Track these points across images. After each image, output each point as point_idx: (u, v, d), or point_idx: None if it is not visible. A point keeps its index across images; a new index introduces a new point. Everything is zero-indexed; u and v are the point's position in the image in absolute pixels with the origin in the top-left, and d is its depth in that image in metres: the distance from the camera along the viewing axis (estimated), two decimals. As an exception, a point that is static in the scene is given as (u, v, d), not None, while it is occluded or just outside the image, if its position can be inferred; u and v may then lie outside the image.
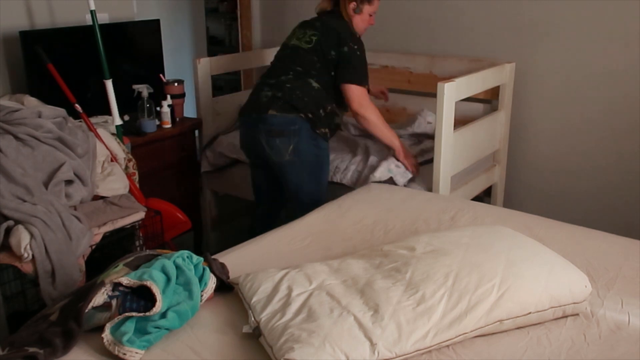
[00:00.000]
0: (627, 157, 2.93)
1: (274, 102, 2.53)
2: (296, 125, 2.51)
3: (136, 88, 3.04)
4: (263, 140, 2.55)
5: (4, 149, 2.10)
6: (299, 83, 2.55)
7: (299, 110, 2.51)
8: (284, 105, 2.52)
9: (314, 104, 2.54)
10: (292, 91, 2.53)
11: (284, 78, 2.57)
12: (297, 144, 2.53)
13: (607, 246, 1.92)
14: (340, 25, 2.62)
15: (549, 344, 1.44)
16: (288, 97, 2.52)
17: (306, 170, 2.60)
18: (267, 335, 1.39)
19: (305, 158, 2.57)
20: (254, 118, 2.58)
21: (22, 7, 2.85)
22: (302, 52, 2.59)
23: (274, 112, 2.52)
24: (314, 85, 2.56)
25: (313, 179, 2.63)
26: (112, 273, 1.53)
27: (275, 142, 2.53)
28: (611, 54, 2.88)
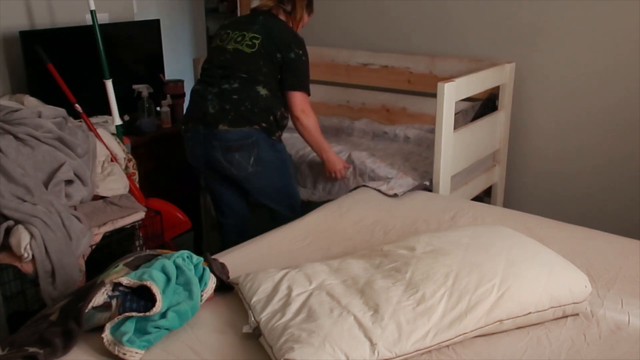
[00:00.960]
0: (627, 157, 2.93)
1: (223, 116, 2.43)
2: (253, 137, 2.44)
3: (136, 88, 3.04)
4: (220, 157, 2.47)
5: (4, 149, 2.10)
6: (246, 93, 2.44)
7: (252, 122, 2.43)
8: (235, 118, 2.42)
9: (265, 113, 2.46)
10: (240, 103, 2.43)
11: (227, 87, 2.45)
12: (258, 154, 2.46)
13: (607, 246, 1.92)
14: (282, 27, 2.52)
15: (549, 344, 1.44)
16: (237, 110, 2.43)
17: (273, 175, 2.57)
18: (267, 335, 1.39)
19: (268, 165, 2.52)
20: (204, 133, 2.47)
21: (22, 7, 2.85)
22: (245, 57, 2.46)
23: (225, 127, 2.42)
24: (262, 93, 2.45)
25: (281, 178, 2.62)
26: (112, 273, 1.53)
27: (235, 157, 2.45)
28: (611, 54, 2.88)
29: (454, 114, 2.59)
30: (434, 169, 2.60)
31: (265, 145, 2.48)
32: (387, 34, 3.52)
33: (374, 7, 3.54)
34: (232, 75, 2.46)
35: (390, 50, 3.50)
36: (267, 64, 2.46)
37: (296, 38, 2.51)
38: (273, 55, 2.46)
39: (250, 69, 2.45)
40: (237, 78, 2.46)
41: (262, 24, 2.50)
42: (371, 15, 3.56)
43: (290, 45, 2.47)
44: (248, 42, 2.47)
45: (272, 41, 2.46)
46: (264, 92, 2.46)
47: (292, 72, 2.49)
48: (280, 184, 2.63)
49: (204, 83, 2.54)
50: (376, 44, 3.53)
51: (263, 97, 2.46)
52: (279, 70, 2.48)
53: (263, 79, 2.46)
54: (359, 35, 3.61)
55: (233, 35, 2.52)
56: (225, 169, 2.51)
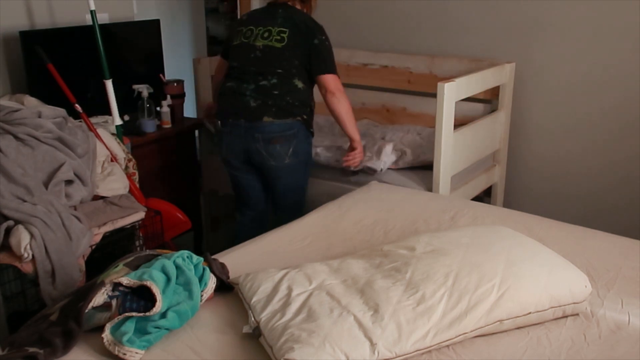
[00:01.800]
0: (627, 157, 2.93)
1: (266, 109, 2.49)
2: (294, 129, 2.53)
3: (136, 88, 3.04)
4: (261, 148, 2.52)
5: (4, 149, 2.10)
6: (286, 87, 2.51)
7: (294, 115, 2.52)
8: (279, 111, 2.49)
9: (304, 105, 2.56)
10: (281, 98, 2.50)
11: (266, 83, 2.50)
12: (296, 146, 2.55)
13: (607, 246, 1.92)
14: (303, 17, 2.57)
15: (549, 344, 1.44)
16: (279, 103, 2.49)
17: (302, 169, 2.65)
18: (267, 335, 1.39)
19: (302, 158, 2.61)
20: (246, 126, 2.51)
21: (22, 7, 2.85)
22: (277, 52, 2.51)
23: (269, 119, 2.48)
24: (299, 86, 2.53)
25: (304, 175, 2.70)
26: (112, 273, 1.53)
27: (276, 148, 2.52)
28: (611, 54, 2.88)
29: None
30: (434, 169, 2.60)
31: (303, 137, 2.58)
32: (387, 34, 3.52)
33: (374, 7, 3.54)
34: (267, 72, 2.52)
35: (390, 50, 3.51)
36: (298, 56, 2.52)
37: (317, 25, 2.58)
38: (301, 46, 2.51)
39: (283, 63, 2.51)
40: (274, 74, 2.52)
41: (284, 17, 2.55)
42: (371, 15, 3.56)
43: (314, 32, 2.53)
44: (276, 36, 2.52)
45: (299, 32, 2.52)
46: (300, 84, 2.55)
47: (320, 57, 2.53)
48: (303, 177, 2.71)
49: (238, 80, 2.57)
50: (376, 44, 3.53)
51: (301, 90, 2.55)
52: (308, 60, 2.53)
53: (296, 72, 2.53)
54: (359, 35, 3.61)
55: (258, 31, 2.56)
56: (264, 161, 2.56)
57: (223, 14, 6.04)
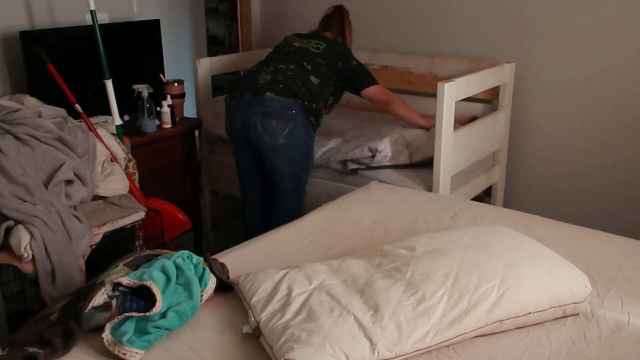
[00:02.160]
0: (627, 157, 2.93)
1: (272, 86, 2.62)
2: (293, 110, 2.60)
3: (136, 88, 3.04)
4: (258, 122, 2.61)
5: (4, 149, 2.10)
6: (300, 74, 2.66)
7: (297, 97, 2.60)
8: (283, 89, 2.60)
9: (310, 95, 2.64)
10: (292, 79, 2.63)
11: (283, 67, 2.68)
12: (293, 128, 2.61)
13: (607, 246, 1.92)
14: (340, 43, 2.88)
15: (549, 344, 1.44)
16: (287, 83, 2.61)
17: (297, 156, 2.69)
18: (267, 335, 1.39)
19: (297, 144, 2.66)
20: (249, 99, 2.63)
21: (22, 7, 2.85)
22: (309, 53, 2.74)
23: (271, 94, 2.60)
24: (314, 81, 2.67)
25: (301, 165, 2.73)
26: (112, 273, 1.53)
27: (272, 124, 2.60)
28: (611, 54, 2.88)
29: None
30: (434, 169, 2.60)
31: (301, 122, 2.64)
32: (387, 34, 3.52)
33: (374, 7, 3.54)
34: (290, 60, 2.72)
35: (390, 50, 3.51)
36: (328, 65, 2.74)
37: (350, 53, 2.87)
38: (335, 60, 2.76)
39: (310, 61, 2.72)
40: (295, 63, 2.70)
41: (324, 38, 2.85)
42: (371, 15, 3.56)
43: (349, 56, 2.83)
44: (314, 45, 2.79)
45: (334, 52, 2.79)
46: (315, 80, 2.69)
47: (361, 75, 2.84)
48: (298, 167, 2.74)
49: (261, 64, 2.78)
50: (376, 44, 3.54)
51: (313, 83, 2.68)
52: (337, 76, 2.76)
53: (317, 72, 2.71)
54: (359, 35, 3.61)
55: (299, 41, 2.84)
56: (259, 136, 2.64)
57: (223, 14, 6.04)
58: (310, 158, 2.79)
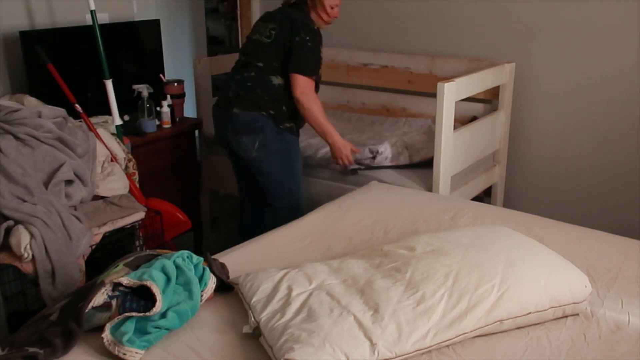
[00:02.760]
0: (626, 157, 2.93)
1: (238, 101, 2.59)
2: (259, 122, 2.57)
3: (136, 88, 3.04)
4: (231, 138, 2.63)
5: (4, 149, 2.10)
6: (259, 81, 2.58)
7: (260, 108, 2.57)
8: (246, 103, 2.57)
9: (275, 101, 2.58)
10: (252, 90, 2.58)
11: (246, 75, 2.61)
12: (263, 140, 2.58)
13: (607, 246, 1.92)
14: (296, 16, 2.59)
15: (549, 344, 1.44)
16: (249, 96, 2.58)
17: (276, 164, 2.65)
18: (267, 335, 1.39)
19: (272, 153, 2.62)
20: (222, 115, 2.66)
21: (22, 7, 2.85)
22: (263, 47, 2.60)
23: (238, 110, 2.58)
24: (274, 82, 2.58)
25: (285, 171, 2.68)
26: (112, 273, 1.53)
27: (242, 139, 2.59)
28: (611, 54, 2.88)
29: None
30: (434, 169, 2.60)
31: (272, 132, 2.59)
32: (387, 34, 3.52)
33: (374, 7, 3.54)
34: (250, 64, 2.62)
35: (390, 50, 3.51)
36: (280, 52, 2.57)
37: (307, 26, 2.56)
38: (284, 44, 2.56)
39: (266, 57, 2.58)
40: (254, 67, 2.60)
41: (282, 15, 2.62)
42: (371, 15, 3.56)
43: (298, 31, 2.54)
44: (267, 32, 2.61)
45: (283, 30, 2.56)
46: (278, 81, 2.58)
47: (295, 55, 2.54)
48: (282, 175, 2.68)
49: (232, 71, 2.73)
50: (376, 44, 3.54)
51: (275, 86, 2.58)
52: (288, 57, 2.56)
53: (278, 67, 2.58)
54: (359, 35, 3.61)
55: (259, 27, 2.67)
56: (235, 151, 2.66)
57: (223, 14, 6.04)
58: (292, 163, 2.70)
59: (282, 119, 2.60)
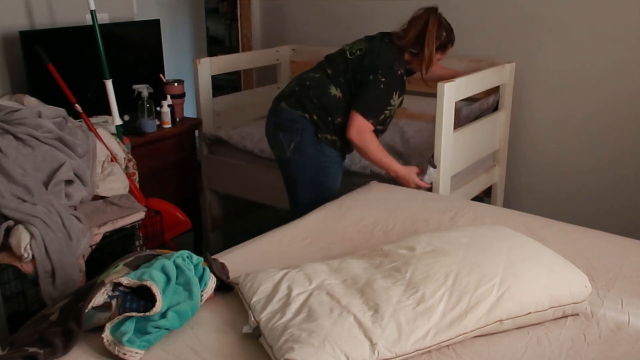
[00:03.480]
0: (627, 157, 2.93)
1: (289, 95, 2.53)
2: (299, 124, 2.47)
3: (136, 88, 3.04)
4: (270, 133, 2.57)
5: (4, 149, 2.10)
6: (319, 84, 2.49)
7: (304, 110, 2.47)
8: (295, 101, 2.49)
9: (324, 109, 2.46)
10: (307, 89, 2.49)
11: (311, 75, 2.55)
12: (299, 143, 2.47)
13: (607, 246, 1.92)
14: (388, 55, 2.46)
15: (549, 344, 1.44)
16: (301, 93, 2.49)
17: (308, 173, 2.53)
18: (267, 335, 1.39)
19: (307, 160, 2.50)
20: (271, 108, 2.59)
21: (22, 7, 2.85)
22: (342, 59, 2.52)
23: (284, 105, 2.51)
24: (333, 92, 2.47)
25: (316, 184, 2.55)
26: (112, 273, 1.53)
27: (279, 135, 2.51)
28: (611, 54, 2.89)
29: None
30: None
31: (310, 138, 2.48)
32: (387, 34, 3.52)
33: (374, 7, 3.54)
34: (320, 68, 2.56)
35: (390, 50, 3.50)
36: (352, 74, 2.48)
37: (390, 69, 2.43)
38: (359, 71, 2.46)
39: (338, 68, 2.51)
40: (322, 71, 2.53)
41: (379, 43, 2.51)
42: (371, 15, 3.56)
43: (377, 69, 2.42)
44: (353, 50, 2.54)
45: (365, 58, 2.46)
46: (336, 92, 2.48)
47: (363, 94, 2.43)
48: (310, 187, 2.55)
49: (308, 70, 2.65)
50: (376, 44, 3.52)
51: (331, 95, 2.48)
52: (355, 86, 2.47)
53: (343, 83, 2.48)
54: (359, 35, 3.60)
55: (355, 42, 2.59)
56: (272, 148, 2.60)
57: (223, 14, 6.05)
58: (327, 178, 2.55)
59: (325, 129, 2.48)
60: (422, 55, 2.48)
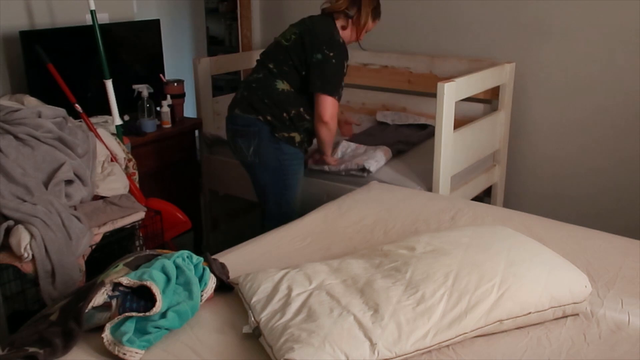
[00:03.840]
0: (626, 157, 2.93)
1: (240, 101, 2.56)
2: (255, 127, 2.49)
3: (136, 88, 3.04)
4: (230, 140, 2.62)
5: (4, 149, 2.10)
6: (265, 84, 2.50)
7: (257, 112, 2.49)
8: (246, 106, 2.52)
9: (276, 107, 2.48)
10: (255, 91, 2.51)
11: (255, 76, 2.56)
12: (258, 146, 2.51)
13: (607, 246, 1.92)
14: (324, 27, 2.49)
15: (549, 344, 1.44)
16: (250, 97, 2.52)
17: (269, 174, 2.57)
18: (267, 335, 1.39)
19: (267, 161, 2.53)
20: (227, 116, 2.63)
21: (22, 7, 2.85)
22: (279, 49, 2.52)
23: (238, 111, 2.55)
24: (280, 87, 2.48)
25: (279, 183, 2.58)
26: (112, 273, 1.53)
27: (238, 141, 2.56)
28: (611, 54, 2.88)
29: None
30: (433, 169, 2.60)
31: (267, 139, 2.51)
32: (387, 34, 3.52)
33: (374, 7, 3.54)
34: (262, 66, 2.56)
35: (390, 50, 3.51)
36: (296, 59, 2.47)
37: (332, 40, 2.46)
38: (300, 53, 2.47)
39: (278, 60, 2.51)
40: (264, 69, 2.54)
41: (310, 21, 2.54)
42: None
43: (321, 46, 2.43)
44: (287, 36, 2.53)
45: (308, 39, 2.45)
46: (283, 86, 2.49)
47: (317, 74, 2.44)
48: (274, 188, 2.60)
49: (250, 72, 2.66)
50: (376, 44, 3.53)
51: (279, 91, 2.49)
52: (303, 70, 2.48)
53: (287, 73, 2.49)
54: (359, 35, 3.61)
55: (286, 30, 2.58)
56: (234, 154, 2.65)
57: (223, 14, 6.05)
58: (289, 176, 2.59)
59: (281, 127, 2.49)
60: (358, 17, 2.51)
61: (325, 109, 2.47)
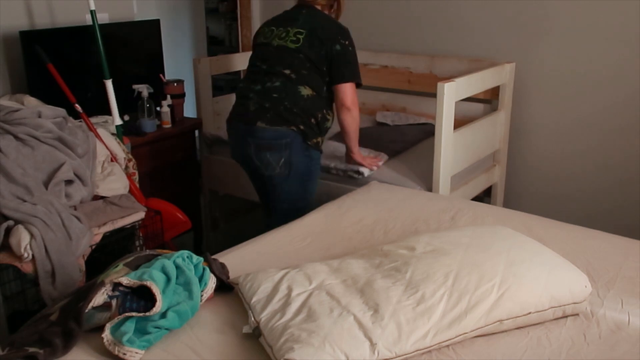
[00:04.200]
0: (627, 157, 2.93)
1: (262, 114, 2.41)
2: (287, 138, 2.40)
3: (136, 88, 3.04)
4: (253, 154, 2.45)
5: (4, 149, 2.10)
6: (287, 92, 2.41)
7: (289, 123, 2.39)
8: (273, 117, 2.39)
9: (305, 114, 2.42)
10: (280, 102, 2.40)
11: (270, 85, 2.43)
12: (289, 157, 2.43)
13: (607, 246, 1.92)
14: (326, 20, 2.48)
15: (549, 344, 1.44)
16: (276, 108, 2.40)
17: (296, 182, 2.51)
18: (267, 335, 1.39)
19: (296, 170, 2.47)
20: (242, 129, 2.47)
21: (22, 7, 2.85)
22: (288, 53, 2.42)
23: (262, 124, 2.40)
24: (303, 93, 2.41)
25: (302, 189, 2.55)
26: (112, 273, 1.53)
27: (266, 155, 2.42)
28: (611, 54, 2.88)
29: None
30: (433, 169, 2.60)
31: (299, 149, 2.44)
32: (387, 34, 3.52)
33: (374, 7, 3.55)
34: (274, 73, 2.44)
35: (390, 50, 3.51)
36: (312, 59, 2.41)
37: (341, 29, 2.47)
38: (318, 50, 2.41)
39: (293, 64, 2.41)
40: (280, 76, 2.42)
41: (306, 19, 2.47)
42: (371, 15, 3.56)
43: (335, 37, 2.42)
44: (292, 37, 2.44)
45: (316, 35, 2.41)
46: (306, 92, 2.42)
47: (342, 64, 2.43)
48: (296, 196, 2.55)
49: (248, 80, 2.53)
50: (376, 44, 3.54)
51: (304, 97, 2.42)
52: (323, 66, 2.43)
53: (307, 76, 2.42)
54: (359, 35, 3.60)
55: (277, 32, 2.49)
56: (257, 168, 2.49)
57: (223, 14, 6.05)
58: (312, 180, 2.58)
59: (312, 134, 2.44)
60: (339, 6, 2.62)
61: (346, 95, 2.45)
